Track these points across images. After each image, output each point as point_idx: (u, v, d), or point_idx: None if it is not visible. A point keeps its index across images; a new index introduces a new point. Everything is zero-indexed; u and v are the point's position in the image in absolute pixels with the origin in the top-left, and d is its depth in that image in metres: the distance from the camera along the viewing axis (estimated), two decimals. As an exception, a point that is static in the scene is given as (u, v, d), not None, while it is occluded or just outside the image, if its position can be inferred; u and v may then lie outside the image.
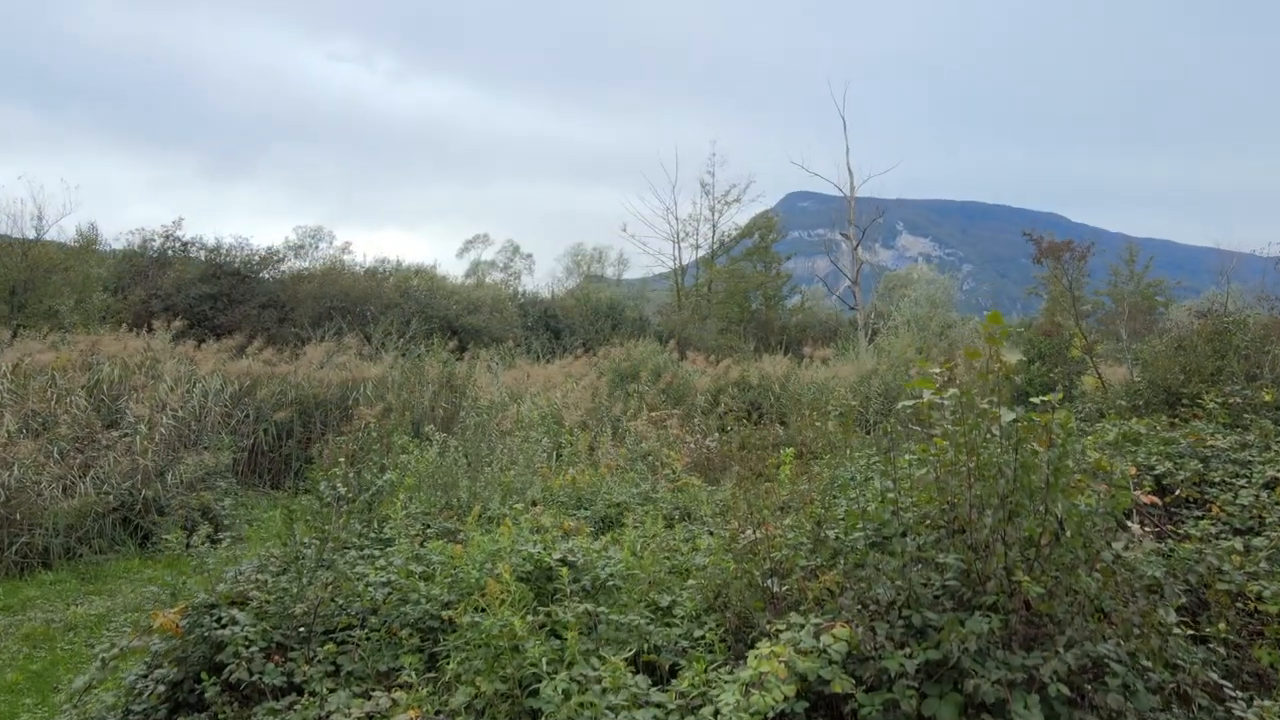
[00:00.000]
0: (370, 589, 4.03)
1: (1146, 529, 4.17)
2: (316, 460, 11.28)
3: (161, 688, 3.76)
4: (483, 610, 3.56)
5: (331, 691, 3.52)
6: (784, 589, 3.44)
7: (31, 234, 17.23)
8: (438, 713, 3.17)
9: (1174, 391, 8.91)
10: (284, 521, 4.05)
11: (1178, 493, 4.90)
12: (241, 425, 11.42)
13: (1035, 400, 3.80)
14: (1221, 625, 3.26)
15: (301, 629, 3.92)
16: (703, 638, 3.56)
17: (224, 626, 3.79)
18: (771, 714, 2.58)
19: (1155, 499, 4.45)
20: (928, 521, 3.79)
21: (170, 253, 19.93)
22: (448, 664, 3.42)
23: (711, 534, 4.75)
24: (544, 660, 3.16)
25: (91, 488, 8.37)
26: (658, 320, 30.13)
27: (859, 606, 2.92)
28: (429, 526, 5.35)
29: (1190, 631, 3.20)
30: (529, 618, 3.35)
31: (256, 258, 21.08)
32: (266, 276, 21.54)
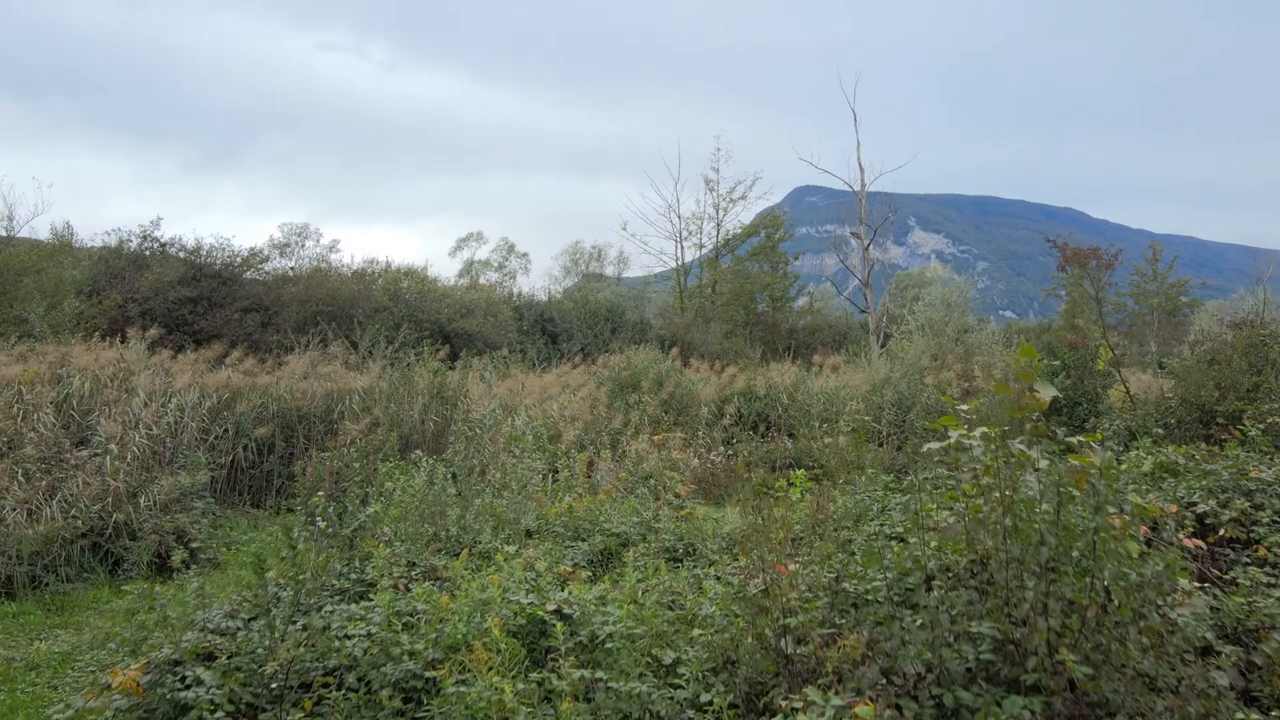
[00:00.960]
0: (349, 642, 3.87)
1: (1193, 582, 4.00)
2: (300, 478, 11.13)
3: (121, 753, 3.60)
4: (470, 671, 3.40)
5: (304, 762, 3.36)
6: (799, 652, 3.27)
7: (1, 233, 17.10)
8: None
9: (1208, 410, 8.74)
10: (254, 570, 3.88)
11: (1221, 532, 4.73)
12: (220, 441, 11.25)
13: (1073, 440, 3.63)
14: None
15: (273, 686, 3.76)
16: (710, 704, 3.39)
17: (188, 687, 3.63)
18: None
19: (1199, 542, 4.28)
20: (953, 572, 3.62)
21: (148, 254, 19.77)
22: (431, 733, 3.26)
23: (719, 579, 4.59)
24: (536, 734, 3.00)
25: (59, 512, 8.20)
26: (659, 323, 29.97)
27: (884, 680, 2.76)
28: (414, 565, 5.18)
29: (1250, 712, 3.03)
30: (520, 684, 3.18)
31: (238, 259, 20.92)
32: (250, 277, 21.39)
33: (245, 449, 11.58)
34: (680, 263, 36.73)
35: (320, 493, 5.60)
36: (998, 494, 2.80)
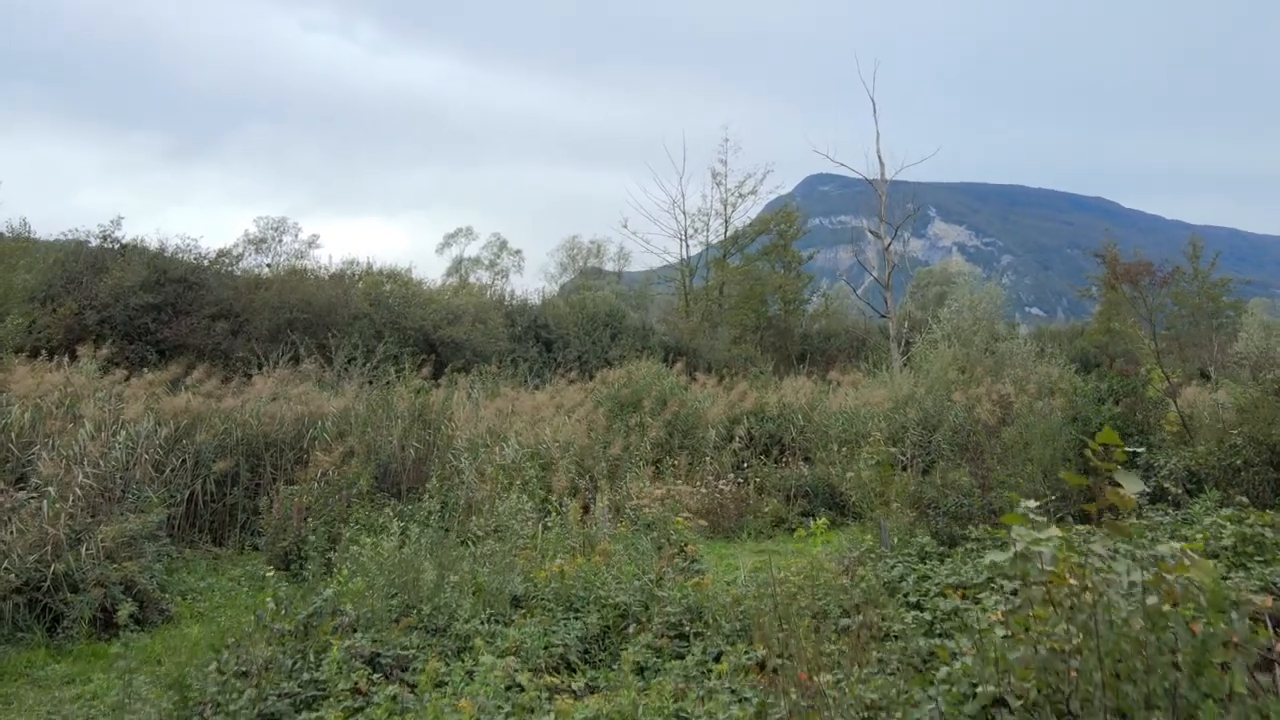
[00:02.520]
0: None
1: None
2: (265, 514, 10.70)
3: None
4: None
5: None
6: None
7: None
8: None
9: (1279, 450, 8.28)
10: (179, 692, 3.44)
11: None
12: (177, 474, 10.81)
13: (1169, 550, 3.18)
14: None
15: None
16: None
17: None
18: None
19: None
20: (1021, 700, 3.19)
21: (108, 256, 19.33)
22: None
23: (734, 692, 4.14)
24: None
25: (-11, 564, 7.77)
26: (663, 328, 29.48)
27: None
28: (378, 657, 4.74)
29: None
30: None
31: (206, 261, 20.49)
32: (221, 275, 20.93)
33: (205, 482, 11.15)
34: (685, 261, 36.20)
35: (272, 570, 5.15)
36: (1085, 642, 2.34)
